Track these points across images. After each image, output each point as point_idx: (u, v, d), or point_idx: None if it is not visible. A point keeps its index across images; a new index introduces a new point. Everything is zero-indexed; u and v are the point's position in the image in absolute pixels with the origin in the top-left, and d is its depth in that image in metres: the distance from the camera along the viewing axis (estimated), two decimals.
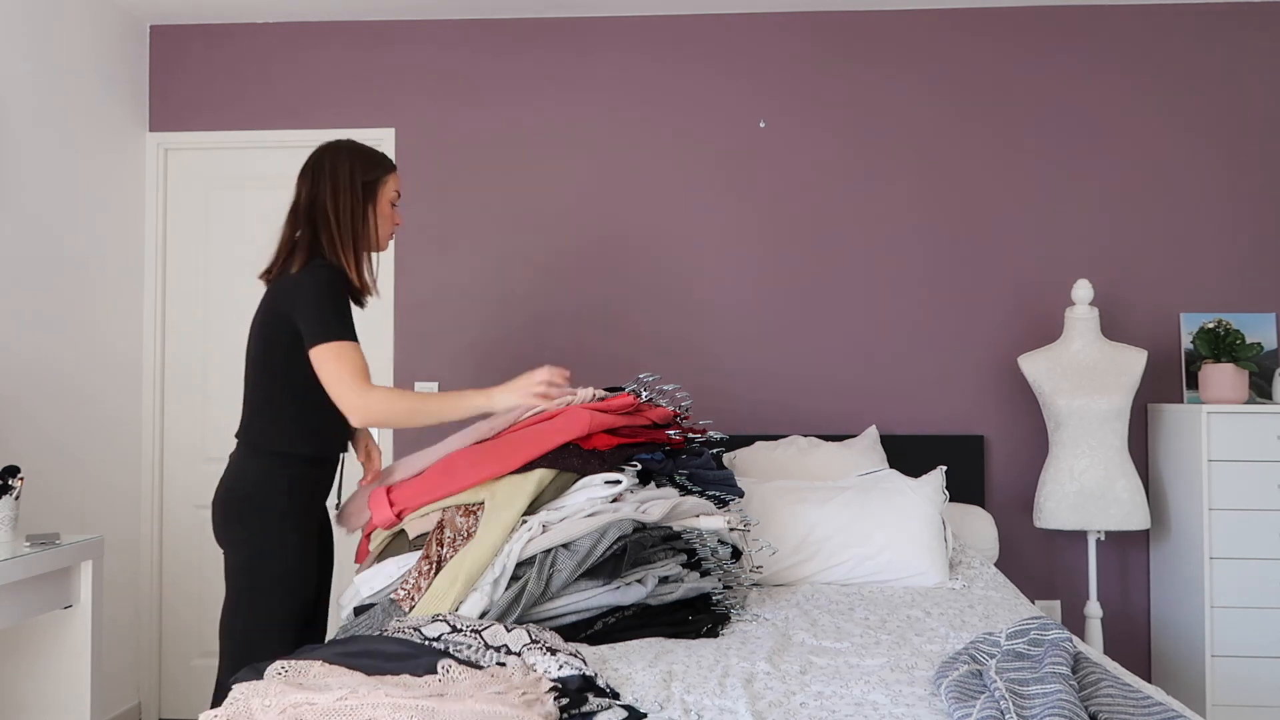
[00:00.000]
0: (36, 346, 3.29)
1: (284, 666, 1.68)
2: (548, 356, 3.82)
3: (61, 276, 3.42)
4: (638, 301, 3.83)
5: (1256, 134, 3.73)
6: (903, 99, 3.81)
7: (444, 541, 2.28)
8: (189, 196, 3.95)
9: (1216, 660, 3.28)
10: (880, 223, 3.80)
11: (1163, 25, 3.76)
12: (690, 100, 3.85)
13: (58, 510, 3.37)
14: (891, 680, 1.85)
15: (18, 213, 3.21)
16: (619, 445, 2.46)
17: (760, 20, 3.84)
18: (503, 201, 3.87)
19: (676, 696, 1.74)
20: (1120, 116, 3.76)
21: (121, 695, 3.76)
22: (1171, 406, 3.55)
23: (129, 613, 3.80)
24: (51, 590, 2.71)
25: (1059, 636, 1.82)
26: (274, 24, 3.93)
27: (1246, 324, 3.64)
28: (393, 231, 2.45)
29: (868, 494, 2.93)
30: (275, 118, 3.91)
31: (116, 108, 3.74)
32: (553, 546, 2.20)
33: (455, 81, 3.89)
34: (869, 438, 3.56)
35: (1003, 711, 1.52)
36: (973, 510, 3.48)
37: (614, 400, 2.55)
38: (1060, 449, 3.42)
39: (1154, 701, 1.62)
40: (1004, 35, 3.79)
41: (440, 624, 1.93)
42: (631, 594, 2.18)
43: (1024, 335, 3.75)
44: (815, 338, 3.79)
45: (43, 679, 2.80)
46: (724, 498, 2.59)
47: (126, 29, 3.82)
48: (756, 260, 3.81)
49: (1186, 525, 3.43)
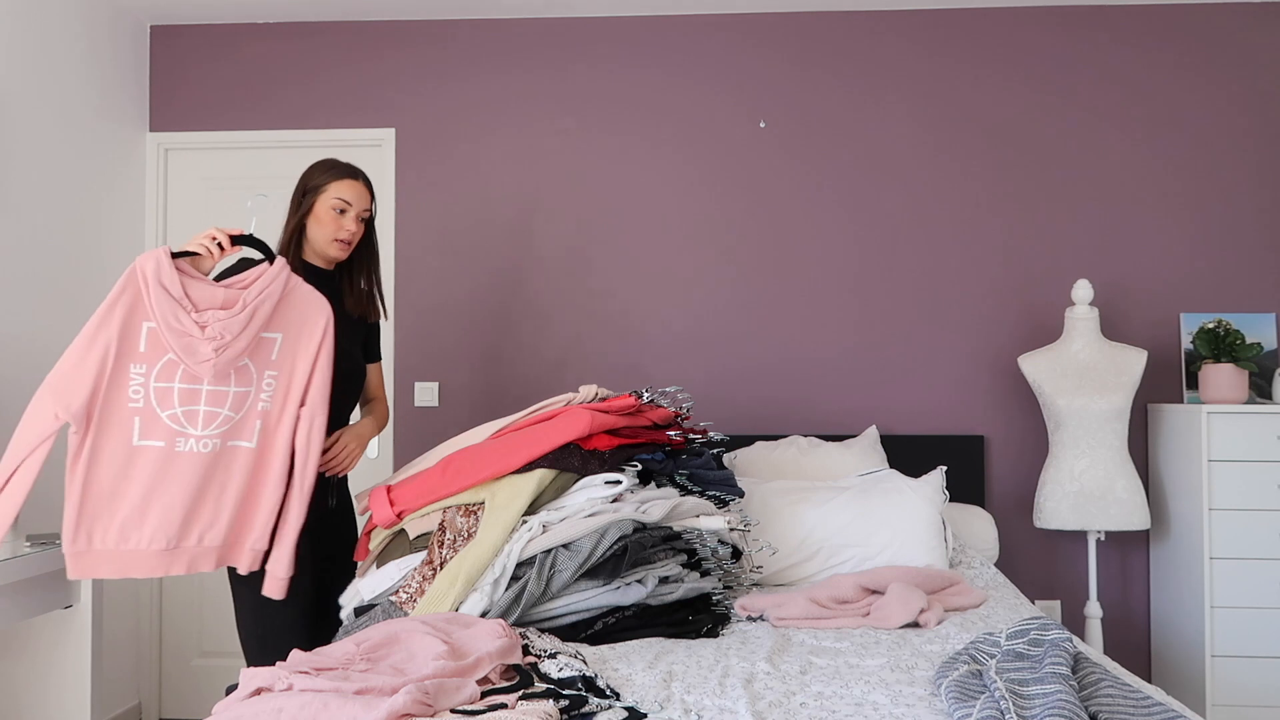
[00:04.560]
0: (37, 346, 3.29)
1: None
2: (547, 356, 3.83)
3: (62, 276, 3.42)
4: (638, 301, 3.83)
5: (1257, 134, 3.73)
6: (902, 99, 3.81)
7: (444, 543, 2.28)
8: (189, 196, 3.95)
9: (1216, 660, 3.28)
10: (880, 222, 3.80)
11: (1163, 25, 3.76)
12: (690, 100, 3.85)
13: (58, 510, 3.37)
14: (891, 680, 1.85)
15: (18, 212, 3.21)
16: (620, 446, 2.46)
17: (760, 20, 3.84)
18: (503, 200, 3.87)
19: (676, 696, 1.74)
20: (1121, 116, 3.76)
21: (121, 695, 3.76)
22: (1171, 406, 3.55)
23: (129, 613, 3.80)
24: (51, 590, 2.70)
25: (1059, 637, 1.82)
26: (274, 24, 3.93)
27: (1246, 324, 3.64)
28: (339, 239, 2.40)
29: (868, 494, 2.93)
30: (275, 118, 3.91)
31: (116, 108, 3.74)
32: (553, 547, 2.20)
33: (455, 81, 3.89)
34: (869, 438, 3.56)
35: (1003, 711, 1.52)
36: (973, 510, 3.49)
37: (615, 401, 2.56)
38: (1060, 449, 3.42)
39: (1154, 701, 1.62)
40: (1004, 36, 3.79)
41: None
42: (631, 594, 2.18)
43: (1024, 335, 3.75)
44: (815, 338, 3.79)
45: (43, 679, 2.80)
46: (724, 498, 2.59)
47: (126, 29, 3.81)
48: (756, 260, 3.81)
49: (1186, 525, 3.43)
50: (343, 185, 2.39)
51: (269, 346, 2.20)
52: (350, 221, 2.41)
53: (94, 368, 2.04)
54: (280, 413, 2.22)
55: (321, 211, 2.39)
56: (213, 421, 2.13)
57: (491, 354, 3.85)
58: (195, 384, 2.11)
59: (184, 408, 2.10)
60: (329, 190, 2.39)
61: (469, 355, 3.85)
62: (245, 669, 1.70)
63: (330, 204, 2.38)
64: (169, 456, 2.09)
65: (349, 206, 2.40)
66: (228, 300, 2.14)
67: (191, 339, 2.07)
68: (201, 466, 2.11)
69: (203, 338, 2.08)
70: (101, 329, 2.06)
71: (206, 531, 2.13)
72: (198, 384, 2.11)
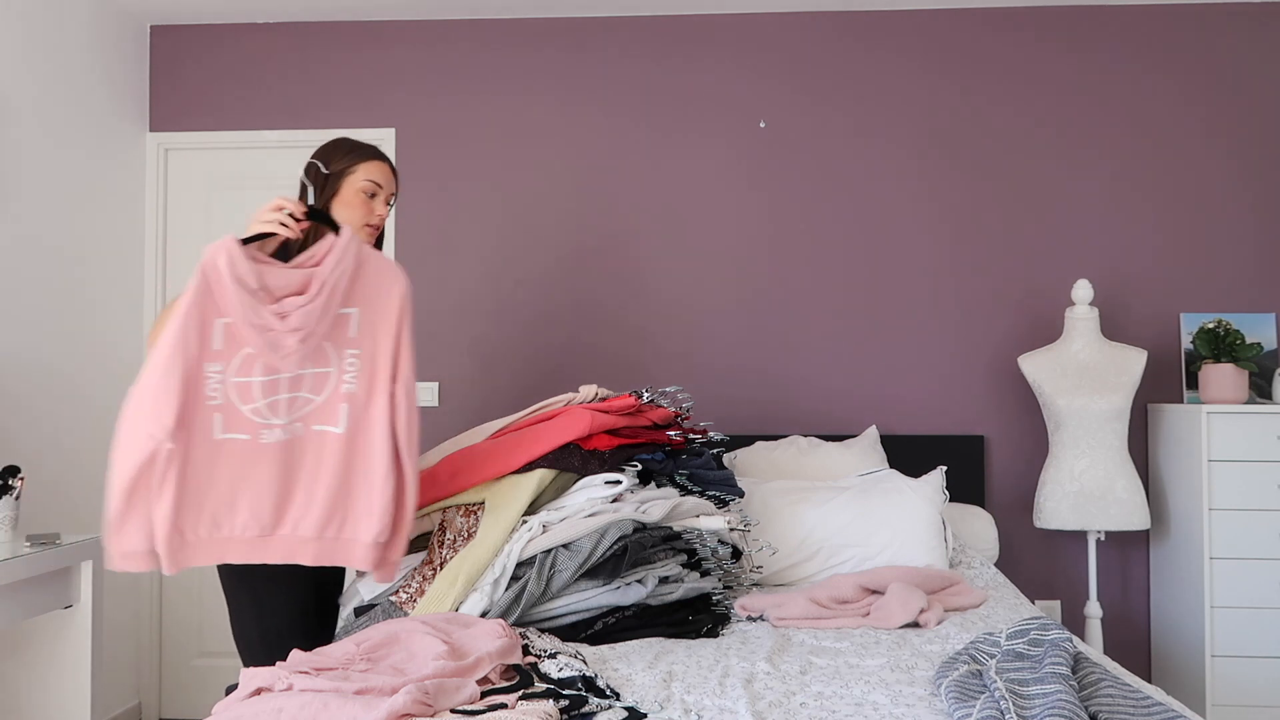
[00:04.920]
0: (37, 347, 3.29)
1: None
2: (548, 356, 3.82)
3: (62, 276, 3.42)
4: (638, 301, 3.83)
5: (1257, 134, 3.73)
6: (903, 99, 3.81)
7: (444, 543, 2.28)
8: (189, 196, 3.95)
9: (1216, 660, 3.28)
10: (880, 223, 3.80)
11: (1164, 25, 3.76)
12: (690, 100, 3.85)
13: (58, 509, 3.37)
14: (891, 680, 1.85)
15: (18, 212, 3.21)
16: (620, 446, 2.46)
17: (762, 20, 3.84)
18: (503, 201, 3.87)
19: (677, 697, 1.74)
20: (1121, 116, 3.76)
21: (121, 695, 3.76)
22: (1171, 406, 3.55)
23: (129, 613, 3.80)
24: (52, 590, 2.71)
25: (1059, 637, 1.82)
26: (274, 24, 3.93)
27: (1246, 324, 3.64)
28: (370, 224, 2.25)
29: (868, 494, 2.93)
30: (275, 118, 3.91)
31: (116, 108, 3.75)
32: (553, 547, 2.20)
33: (455, 81, 3.89)
34: (869, 438, 3.56)
35: (1003, 712, 1.52)
36: (973, 510, 3.49)
37: (615, 401, 2.56)
38: (1060, 449, 3.42)
39: (1154, 701, 1.62)
40: (1004, 36, 3.79)
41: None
42: (631, 594, 2.18)
43: (1024, 335, 3.75)
44: (815, 338, 3.79)
45: (43, 679, 2.80)
46: (724, 498, 2.59)
47: (126, 29, 3.82)
48: (756, 259, 3.81)
49: (1186, 525, 3.43)
50: (372, 167, 2.24)
51: (345, 323, 2.04)
52: (380, 205, 2.26)
53: (179, 385, 1.91)
54: (369, 394, 2.04)
55: (350, 195, 2.23)
56: (294, 406, 1.99)
57: (491, 354, 3.85)
58: (274, 374, 1.98)
59: (266, 400, 1.96)
60: (358, 172, 2.23)
61: (469, 355, 3.85)
62: (245, 669, 1.70)
63: (360, 186, 2.23)
64: (254, 448, 1.96)
65: (379, 189, 2.26)
66: (303, 282, 1.97)
67: (274, 333, 1.92)
68: (287, 454, 1.97)
69: (284, 329, 1.93)
70: (181, 345, 1.91)
71: (300, 520, 2.00)
72: (276, 373, 1.98)
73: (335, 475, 2.01)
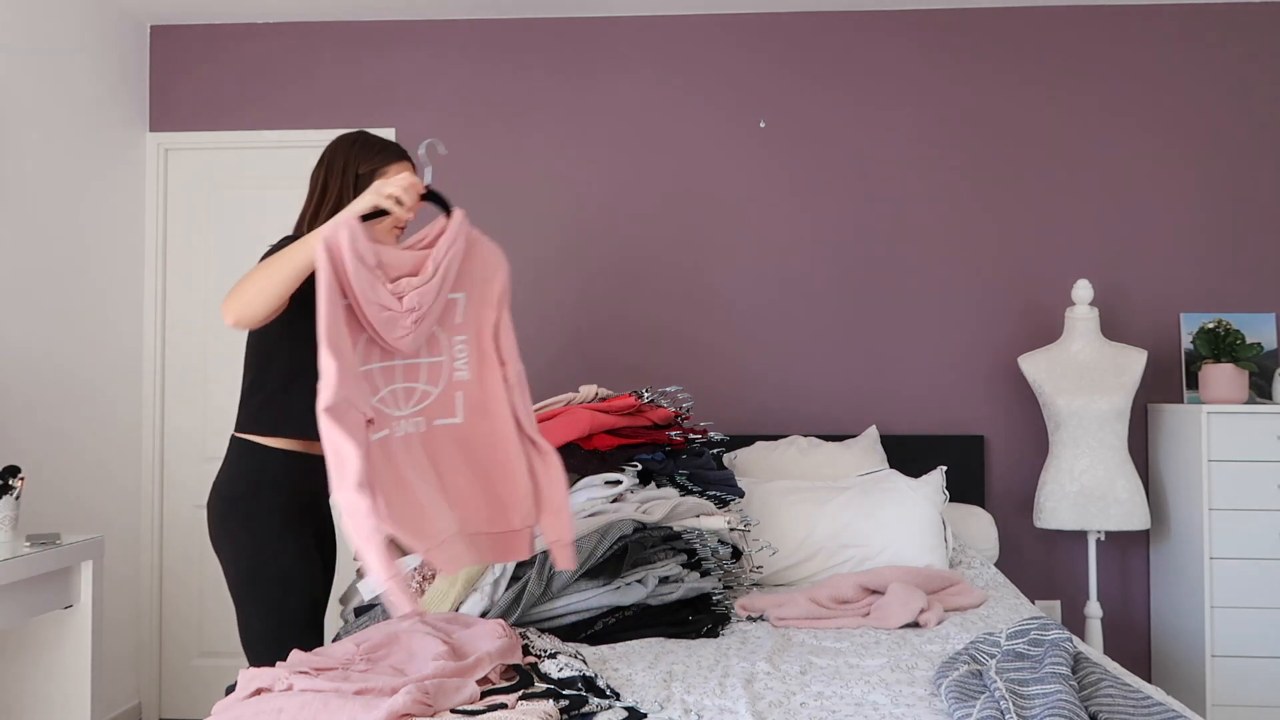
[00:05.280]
0: (37, 346, 3.29)
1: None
2: (548, 356, 3.82)
3: (62, 276, 3.42)
4: (639, 302, 3.83)
5: (1257, 134, 3.73)
6: (901, 99, 3.81)
7: None
8: (189, 196, 3.95)
9: (1216, 660, 3.28)
10: (880, 223, 3.80)
11: (1164, 26, 3.76)
12: (693, 103, 3.85)
13: (58, 509, 3.37)
14: (891, 680, 1.85)
15: (18, 212, 3.21)
16: (620, 446, 2.46)
17: (765, 20, 3.84)
18: (503, 201, 3.87)
19: (677, 696, 1.75)
20: (1121, 116, 3.76)
21: (121, 695, 3.76)
22: (1171, 406, 3.55)
23: (129, 612, 3.80)
24: (52, 590, 2.71)
25: (1059, 637, 1.82)
26: (274, 24, 3.93)
27: (1246, 324, 3.64)
28: (398, 227, 2.18)
29: (868, 494, 2.93)
30: (275, 118, 3.91)
31: (116, 108, 3.75)
32: None
33: (456, 82, 3.89)
34: (869, 438, 3.56)
35: (1003, 712, 1.52)
36: (973, 510, 3.49)
37: (615, 401, 2.56)
38: (1060, 449, 3.42)
39: (1154, 701, 1.62)
40: (1005, 36, 3.79)
41: None
42: (632, 594, 2.18)
43: (1024, 335, 3.75)
44: (815, 338, 3.79)
45: (43, 679, 2.80)
46: (724, 498, 2.60)
47: (126, 29, 3.82)
48: (756, 261, 3.81)
49: (1186, 525, 3.43)
50: (402, 168, 2.18)
51: (453, 309, 1.97)
52: (406, 210, 2.18)
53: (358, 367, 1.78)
54: (481, 381, 1.97)
55: None
56: (412, 398, 1.89)
57: None
58: (389, 360, 1.87)
59: (388, 388, 1.85)
60: (389, 173, 2.16)
61: None
62: (244, 669, 1.70)
63: None
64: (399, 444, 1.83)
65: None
66: (416, 263, 1.88)
67: (391, 313, 1.81)
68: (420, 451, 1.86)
69: (401, 310, 1.82)
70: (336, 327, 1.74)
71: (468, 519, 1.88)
72: (391, 359, 1.87)
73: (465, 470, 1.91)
